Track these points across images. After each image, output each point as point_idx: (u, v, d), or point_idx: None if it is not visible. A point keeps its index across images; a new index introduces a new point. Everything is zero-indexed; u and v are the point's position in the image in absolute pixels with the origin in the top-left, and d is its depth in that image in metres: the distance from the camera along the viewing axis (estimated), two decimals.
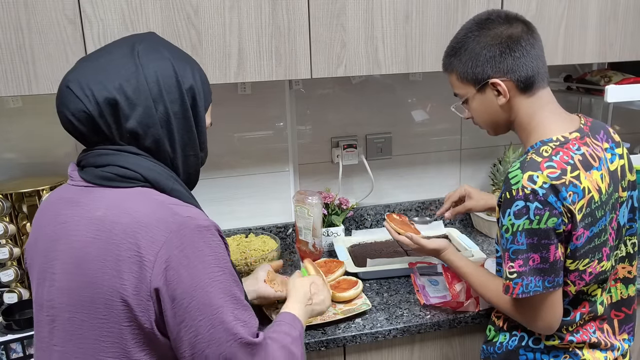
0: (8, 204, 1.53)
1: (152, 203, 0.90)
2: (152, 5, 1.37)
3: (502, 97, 1.15)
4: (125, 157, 0.92)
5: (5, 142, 1.69)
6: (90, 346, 0.89)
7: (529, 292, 1.08)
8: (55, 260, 0.92)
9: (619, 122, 2.20)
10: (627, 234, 1.23)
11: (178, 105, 0.95)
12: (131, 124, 0.91)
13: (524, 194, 1.05)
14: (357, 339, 1.39)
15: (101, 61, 0.93)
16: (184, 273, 0.85)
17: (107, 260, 0.86)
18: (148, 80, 0.92)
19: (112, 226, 0.87)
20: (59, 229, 0.92)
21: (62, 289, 0.90)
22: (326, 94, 1.94)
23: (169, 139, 0.95)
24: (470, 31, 1.16)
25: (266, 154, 1.90)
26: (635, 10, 1.72)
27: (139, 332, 0.88)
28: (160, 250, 0.85)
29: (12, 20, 1.30)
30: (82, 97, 0.90)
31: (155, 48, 0.97)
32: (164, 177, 0.94)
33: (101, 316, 0.87)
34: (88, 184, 0.93)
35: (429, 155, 2.10)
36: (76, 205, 0.92)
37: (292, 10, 1.46)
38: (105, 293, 0.86)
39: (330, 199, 1.92)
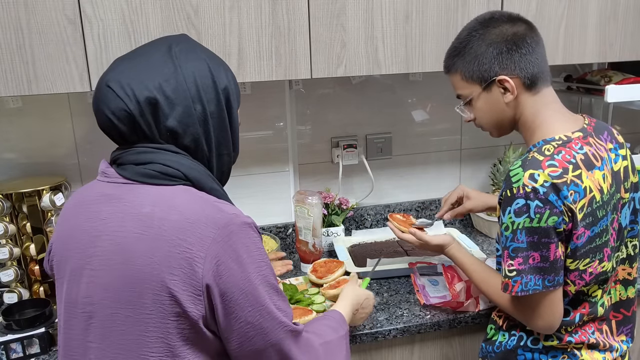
0: (8, 204, 1.53)
1: (198, 200, 0.91)
2: (152, 5, 1.37)
3: (510, 94, 1.14)
4: (167, 155, 0.94)
5: (5, 142, 1.69)
6: (133, 342, 0.89)
7: (528, 290, 1.08)
8: (95, 256, 0.92)
9: (619, 122, 2.20)
10: (628, 235, 1.22)
11: (214, 105, 0.97)
12: (171, 122, 0.93)
13: (525, 192, 1.05)
14: (357, 339, 1.39)
15: (140, 61, 0.95)
16: (234, 267, 0.88)
17: (156, 255, 0.87)
18: (187, 80, 0.94)
19: (160, 223, 0.88)
20: (99, 224, 0.92)
21: (104, 285, 0.90)
22: (326, 94, 1.94)
23: (205, 138, 0.97)
24: (475, 30, 1.16)
25: (266, 154, 1.90)
26: (635, 10, 1.72)
27: (185, 327, 0.88)
28: (210, 246, 0.87)
29: (12, 20, 1.30)
30: (123, 96, 0.91)
31: (191, 49, 0.99)
32: (204, 176, 0.96)
33: (148, 311, 0.87)
34: (128, 181, 0.93)
35: (429, 155, 2.10)
36: (118, 201, 0.92)
37: (292, 10, 1.46)
38: (154, 288, 0.87)
39: (330, 199, 1.92)
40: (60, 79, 1.35)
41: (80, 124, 1.72)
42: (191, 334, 0.89)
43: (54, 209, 1.55)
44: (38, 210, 1.55)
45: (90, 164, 1.75)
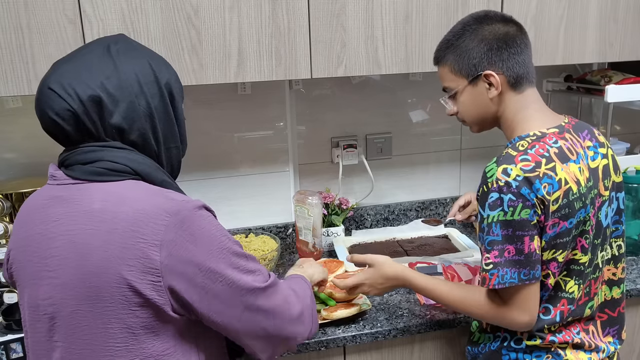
0: (8, 204, 1.53)
1: (148, 192, 0.94)
2: (152, 5, 1.37)
3: (494, 90, 1.17)
4: (114, 152, 0.95)
5: (5, 142, 1.69)
6: (97, 335, 0.91)
7: (505, 283, 1.09)
8: (51, 257, 0.93)
9: (619, 122, 2.20)
10: (613, 235, 1.23)
11: (158, 100, 0.99)
12: (116, 119, 0.94)
13: (498, 186, 1.08)
14: (357, 339, 1.39)
15: (79, 62, 0.96)
16: (191, 248, 0.90)
17: (110, 249, 0.88)
18: (128, 77, 0.96)
19: (112, 216, 0.90)
20: (52, 227, 0.94)
21: (63, 285, 0.92)
22: (326, 94, 1.94)
23: (153, 133, 0.99)
24: (468, 25, 1.19)
25: (266, 154, 1.90)
26: (635, 11, 1.72)
27: (148, 315, 0.91)
28: (165, 233, 0.89)
29: (12, 20, 1.30)
30: (66, 97, 0.92)
31: (131, 48, 1.00)
32: (153, 169, 0.98)
33: (108, 304, 0.89)
34: (77, 181, 0.95)
35: (429, 155, 2.10)
36: (68, 202, 0.94)
37: (292, 10, 1.46)
38: (112, 281, 0.88)
39: (330, 199, 1.92)
40: None
41: None
42: (155, 320, 0.92)
43: None
44: None
45: None
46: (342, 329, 1.40)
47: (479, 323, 1.30)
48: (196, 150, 1.82)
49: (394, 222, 2.09)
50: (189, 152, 1.80)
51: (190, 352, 0.97)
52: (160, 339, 0.93)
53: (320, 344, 1.37)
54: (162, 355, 0.94)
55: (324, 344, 1.37)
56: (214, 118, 1.82)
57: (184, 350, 0.96)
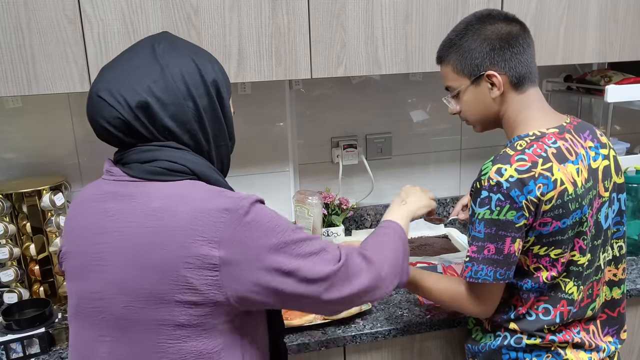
0: (8, 204, 1.53)
1: (205, 191, 0.94)
2: (152, 5, 1.37)
3: (496, 90, 1.17)
4: (171, 152, 0.96)
5: (5, 142, 1.69)
6: (150, 332, 0.91)
7: (478, 278, 1.13)
8: (104, 252, 0.93)
9: (619, 122, 2.20)
10: (614, 237, 1.23)
11: (206, 100, 0.99)
12: (166, 122, 0.95)
13: (489, 185, 1.09)
14: (357, 339, 1.39)
15: (125, 66, 0.96)
16: (250, 244, 0.90)
17: (170, 247, 0.89)
18: (174, 78, 0.95)
19: (171, 215, 0.90)
20: (106, 221, 0.94)
21: (115, 281, 0.92)
22: (326, 94, 1.94)
23: (202, 133, 0.99)
24: (471, 24, 1.19)
25: (266, 154, 1.90)
26: (635, 10, 1.72)
27: (202, 312, 0.91)
28: (224, 231, 0.89)
29: (12, 20, 1.30)
30: (115, 104, 0.93)
31: (174, 47, 1.00)
32: (207, 169, 0.99)
33: (163, 301, 0.89)
34: (134, 179, 0.95)
35: (429, 155, 2.10)
36: (125, 198, 0.94)
37: (292, 10, 1.46)
38: (169, 279, 0.89)
39: (330, 199, 1.92)
40: (60, 79, 1.35)
41: (80, 124, 1.72)
42: (208, 317, 0.91)
43: (54, 209, 1.55)
44: (38, 210, 1.55)
45: (90, 163, 1.75)
46: (342, 329, 1.40)
47: (475, 320, 1.30)
48: None
49: None
50: None
51: (236, 352, 0.98)
52: (211, 337, 0.93)
53: (320, 344, 1.37)
54: (211, 353, 0.93)
55: (324, 344, 1.37)
56: None
57: (232, 348, 0.97)
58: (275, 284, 0.91)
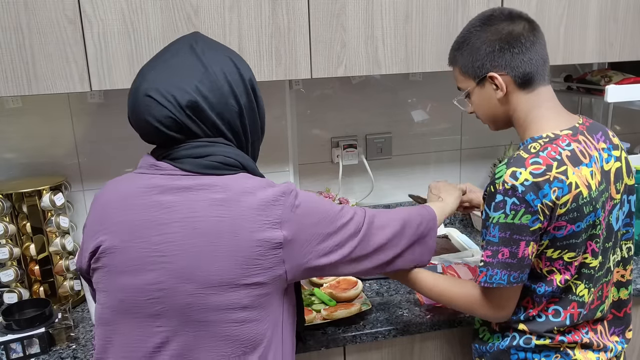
0: (8, 204, 1.53)
1: (260, 181, 1.01)
2: (152, 5, 1.37)
3: (500, 91, 1.17)
4: (223, 148, 1.01)
5: (5, 142, 1.69)
6: (215, 317, 0.95)
7: (492, 283, 1.12)
8: (166, 243, 0.95)
9: (619, 122, 2.20)
10: (623, 238, 1.23)
11: (245, 98, 1.04)
12: (214, 119, 1.00)
13: (504, 189, 1.08)
14: (357, 339, 1.39)
15: (169, 66, 1.00)
16: (309, 219, 1.01)
17: (241, 234, 0.94)
18: (218, 78, 1.00)
19: (237, 204, 0.96)
20: (164, 213, 0.96)
21: (179, 270, 0.94)
22: (326, 94, 1.94)
23: (242, 129, 1.05)
24: (474, 27, 1.19)
25: (266, 154, 1.90)
26: (635, 10, 1.72)
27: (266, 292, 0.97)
28: (283, 212, 0.97)
29: (12, 20, 1.30)
30: (166, 104, 0.96)
31: (211, 47, 1.04)
32: (252, 163, 1.06)
33: (233, 284, 0.94)
34: (188, 173, 0.99)
35: (429, 155, 2.10)
36: (183, 191, 0.97)
37: (292, 10, 1.46)
38: (241, 263, 0.94)
39: (330, 199, 1.92)
40: (60, 79, 1.35)
41: (80, 124, 1.72)
42: (266, 296, 0.98)
43: (54, 209, 1.55)
44: (38, 210, 1.55)
45: (90, 163, 1.75)
46: (342, 329, 1.40)
47: (481, 320, 1.29)
48: None
49: None
50: None
51: (277, 332, 1.03)
52: (266, 318, 0.99)
53: (320, 344, 1.37)
54: (264, 333, 0.99)
55: (324, 344, 1.37)
56: None
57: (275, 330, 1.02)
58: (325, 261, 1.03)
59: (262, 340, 0.98)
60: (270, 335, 1.00)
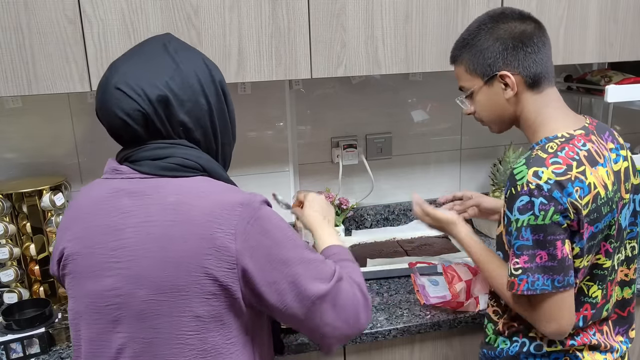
0: (8, 204, 1.53)
1: (220, 186, 0.98)
2: (152, 5, 1.37)
3: (510, 90, 1.15)
4: (184, 149, 0.98)
5: (5, 142, 1.69)
6: (169, 324, 0.93)
7: (536, 289, 1.06)
8: (121, 249, 0.94)
9: (619, 122, 2.20)
10: (627, 237, 1.22)
11: (216, 99, 1.02)
12: (182, 117, 0.98)
13: (529, 189, 1.04)
14: (357, 339, 1.39)
15: (140, 61, 0.98)
16: (263, 239, 0.93)
17: (190, 239, 0.91)
18: (189, 75, 0.99)
19: (188, 208, 0.93)
20: (121, 219, 0.95)
21: (135, 276, 0.93)
22: (326, 94, 1.94)
23: (212, 130, 1.03)
24: (484, 24, 1.16)
25: (266, 154, 1.90)
26: (635, 10, 1.72)
27: (220, 304, 0.93)
28: (239, 223, 0.92)
29: (12, 20, 1.30)
30: (135, 97, 0.94)
31: (184, 46, 1.04)
32: (217, 167, 1.02)
33: (184, 293, 0.91)
34: (146, 175, 0.97)
35: (429, 155, 2.10)
36: (139, 195, 0.95)
37: (292, 10, 1.46)
38: (190, 270, 0.91)
39: (330, 199, 1.92)
40: (60, 79, 1.35)
41: (80, 124, 1.72)
42: (225, 309, 0.94)
43: (54, 209, 1.55)
44: (38, 210, 1.55)
45: (90, 163, 1.75)
46: None
47: (494, 325, 1.26)
48: None
49: (394, 222, 2.09)
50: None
51: (247, 344, 0.99)
52: (226, 329, 0.95)
53: None
54: (226, 344, 0.96)
55: None
56: None
57: (244, 342, 0.99)
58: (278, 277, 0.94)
59: (225, 351, 0.95)
60: (238, 349, 0.97)
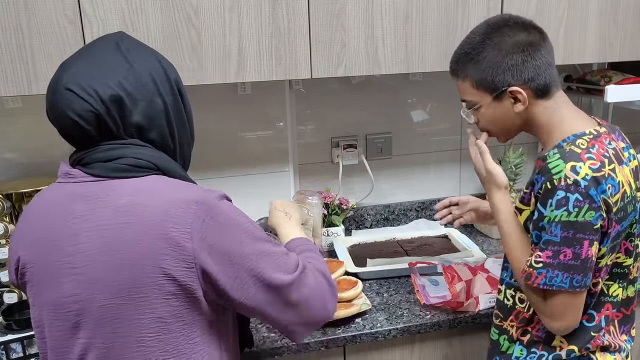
0: (8, 204, 1.53)
1: (173, 185, 0.96)
2: (152, 5, 1.37)
3: (521, 105, 1.13)
4: (136, 149, 0.96)
5: (5, 142, 1.69)
6: (129, 327, 0.92)
7: (553, 285, 1.05)
8: (76, 254, 0.93)
9: (619, 122, 2.20)
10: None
11: (171, 97, 1.00)
12: (136, 118, 0.95)
13: (566, 184, 1.03)
14: (357, 339, 1.39)
15: (92, 61, 0.96)
16: (220, 236, 0.92)
17: (144, 240, 0.90)
18: (143, 75, 0.97)
19: (142, 209, 0.91)
20: (74, 223, 0.93)
21: (91, 280, 0.92)
22: (326, 94, 1.94)
23: (169, 130, 1.01)
24: (488, 37, 1.13)
25: (266, 154, 1.90)
26: (635, 11, 1.72)
27: (180, 304, 0.92)
28: (194, 221, 0.91)
29: (12, 20, 1.30)
30: (87, 97, 0.92)
31: (137, 45, 1.01)
32: (172, 165, 1.00)
33: (142, 295, 0.90)
34: (98, 178, 0.95)
35: (429, 155, 2.10)
36: (91, 198, 0.94)
37: (292, 10, 1.46)
38: (147, 271, 0.90)
39: (330, 199, 1.92)
40: None
41: None
42: (186, 309, 0.93)
43: None
44: None
45: None
46: (342, 329, 1.40)
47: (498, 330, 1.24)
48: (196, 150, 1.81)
49: (394, 222, 2.09)
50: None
51: (211, 342, 0.99)
52: (189, 329, 0.95)
53: (320, 344, 1.37)
54: (189, 343, 0.95)
55: (324, 344, 1.37)
56: (214, 118, 1.82)
57: (208, 339, 0.98)
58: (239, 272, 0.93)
59: (188, 351, 0.95)
60: (202, 348, 0.97)
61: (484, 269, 1.55)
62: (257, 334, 1.39)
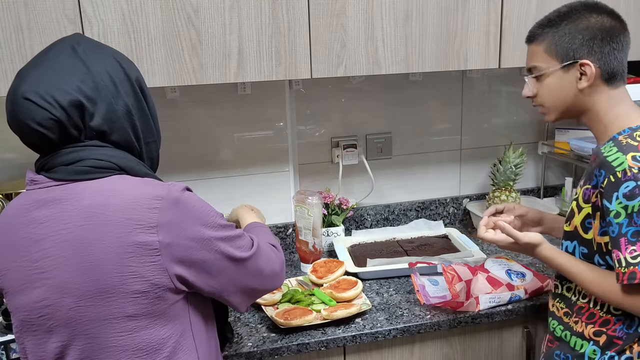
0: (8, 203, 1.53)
1: (134, 183, 0.96)
2: (152, 5, 1.37)
3: (585, 81, 1.14)
4: (96, 150, 0.96)
5: (5, 142, 1.68)
6: (101, 328, 0.92)
7: None
8: (43, 259, 0.93)
9: None
10: None
11: (133, 97, 1.00)
12: (96, 121, 0.96)
13: (633, 174, 1.03)
14: (357, 339, 1.39)
15: (48, 67, 0.95)
16: (188, 225, 0.94)
17: (107, 240, 0.90)
18: (102, 77, 0.96)
19: (104, 209, 0.92)
20: (40, 229, 0.94)
21: (59, 284, 0.92)
22: (326, 93, 1.94)
23: (132, 131, 1.01)
24: (576, 9, 1.16)
25: (266, 154, 1.90)
26: (636, 11, 1.72)
27: (149, 301, 0.93)
28: (160, 215, 0.92)
29: (12, 20, 1.30)
30: (46, 105, 0.91)
31: (94, 46, 1.01)
32: (135, 163, 1.00)
33: (110, 294, 0.91)
34: (60, 182, 0.95)
35: (429, 155, 2.10)
36: (54, 203, 0.94)
37: (292, 10, 1.46)
38: (112, 271, 0.90)
39: (330, 199, 1.92)
40: None
41: None
42: (156, 305, 0.94)
43: None
44: None
45: None
46: (342, 329, 1.40)
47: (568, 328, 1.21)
48: (196, 150, 1.82)
49: (394, 222, 2.09)
50: (189, 152, 1.81)
51: (185, 336, 1.00)
52: (161, 324, 0.95)
53: (320, 344, 1.37)
54: (162, 339, 0.96)
55: (324, 344, 1.37)
56: (214, 118, 1.82)
57: (180, 333, 0.99)
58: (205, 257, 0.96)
59: (162, 346, 0.96)
60: (176, 341, 0.98)
61: (484, 269, 1.55)
62: (257, 334, 1.39)
